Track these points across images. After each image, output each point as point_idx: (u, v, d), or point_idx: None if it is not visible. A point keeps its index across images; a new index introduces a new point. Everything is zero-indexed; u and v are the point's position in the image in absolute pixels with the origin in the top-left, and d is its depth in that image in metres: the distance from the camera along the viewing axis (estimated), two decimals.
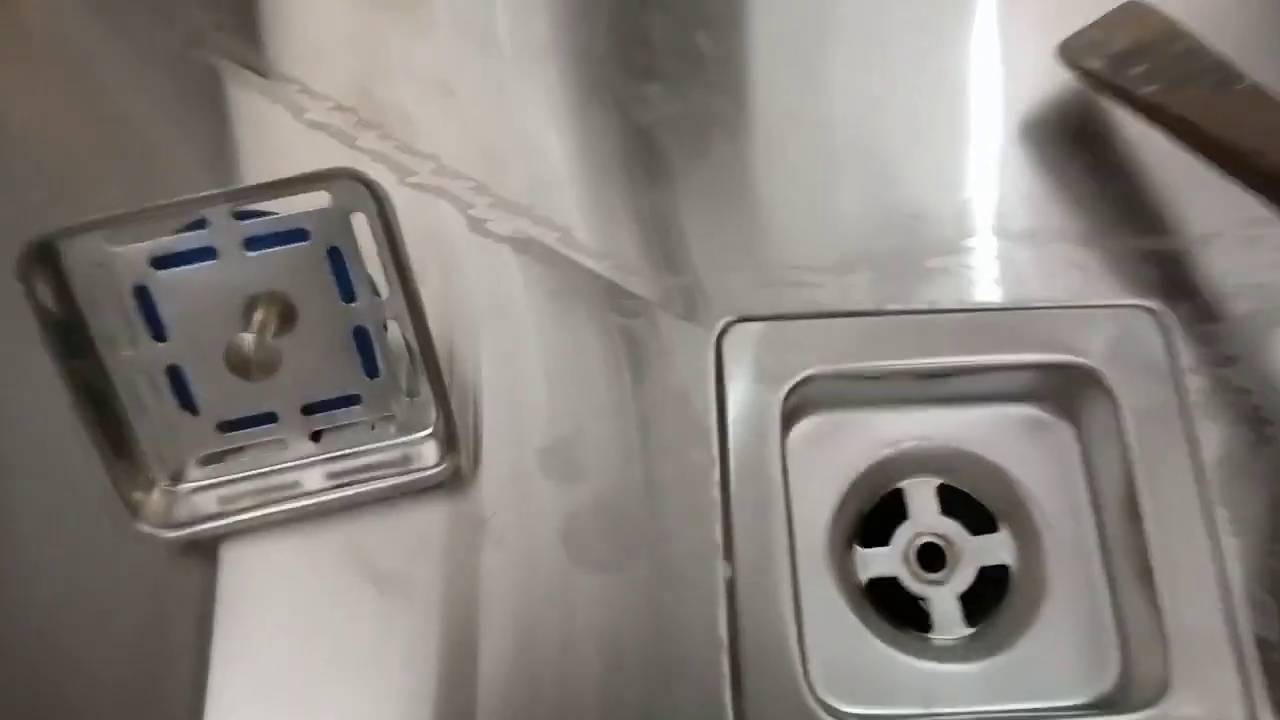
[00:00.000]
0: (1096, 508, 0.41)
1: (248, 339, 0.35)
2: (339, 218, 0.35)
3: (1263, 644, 0.36)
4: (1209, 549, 0.38)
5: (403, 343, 0.39)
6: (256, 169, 0.45)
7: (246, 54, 0.47)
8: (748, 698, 0.36)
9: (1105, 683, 0.39)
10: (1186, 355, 0.40)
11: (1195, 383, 0.39)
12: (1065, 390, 0.41)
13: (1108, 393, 0.40)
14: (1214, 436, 0.38)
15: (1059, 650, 0.39)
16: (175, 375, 0.38)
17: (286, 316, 0.38)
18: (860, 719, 0.38)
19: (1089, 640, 0.39)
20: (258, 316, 0.37)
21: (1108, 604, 0.40)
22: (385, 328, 0.38)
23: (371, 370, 0.39)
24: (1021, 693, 0.39)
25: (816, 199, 0.43)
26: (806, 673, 0.37)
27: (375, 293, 0.38)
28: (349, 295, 0.37)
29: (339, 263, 0.37)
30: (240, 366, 0.36)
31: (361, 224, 0.36)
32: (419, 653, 0.37)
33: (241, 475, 0.40)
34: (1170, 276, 0.41)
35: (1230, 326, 0.40)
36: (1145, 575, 0.38)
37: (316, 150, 0.45)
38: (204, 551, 0.39)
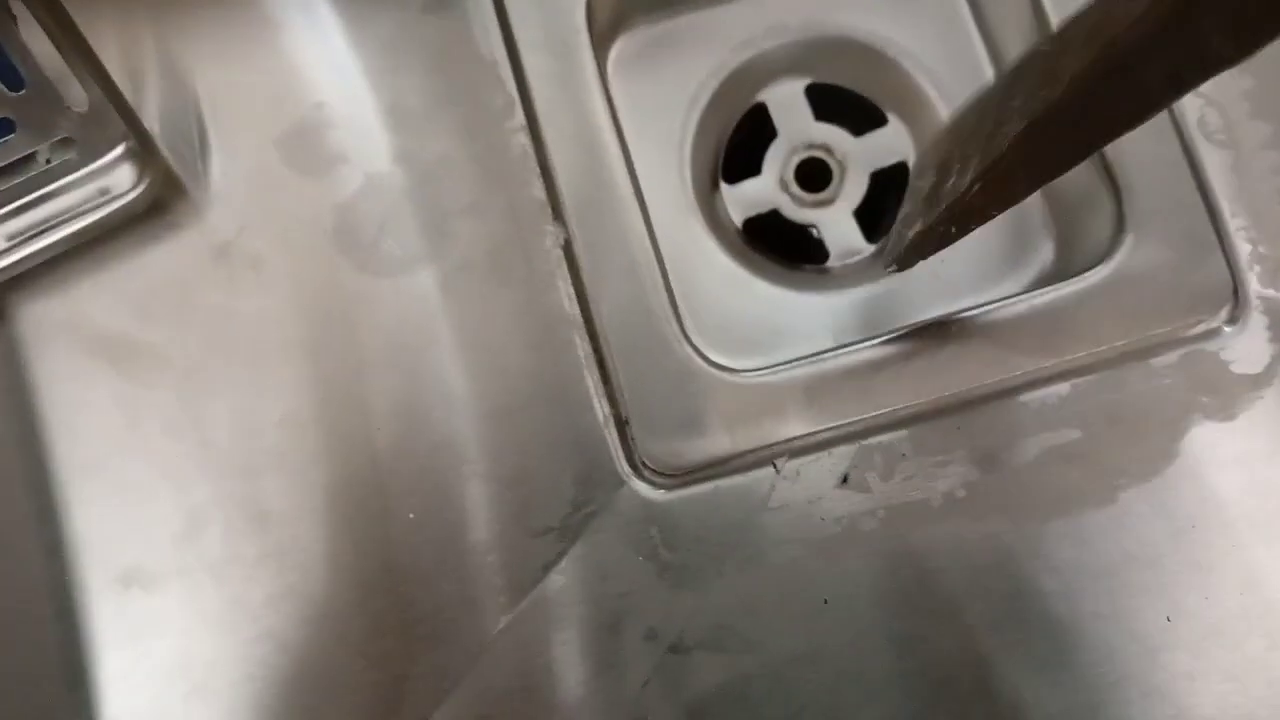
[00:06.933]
0: (1000, 64, 0.33)
1: None
2: None
3: (1216, 171, 0.29)
4: None
5: (47, 36, 0.28)
6: None
7: None
8: (620, 377, 0.28)
9: (1044, 257, 0.32)
10: None
11: None
12: None
13: None
14: None
15: (983, 238, 0.32)
16: None
17: None
18: (762, 371, 0.31)
19: (1016, 217, 0.32)
20: None
21: None
22: (13, 17, 0.27)
23: (12, 80, 0.28)
24: (949, 296, 0.32)
25: None
26: (684, 332, 0.29)
27: None
28: None
29: None
30: None
31: None
32: (187, 437, 0.28)
33: None
34: None
35: None
36: None
37: None
38: None
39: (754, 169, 0.35)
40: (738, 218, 0.34)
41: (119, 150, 0.29)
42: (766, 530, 0.27)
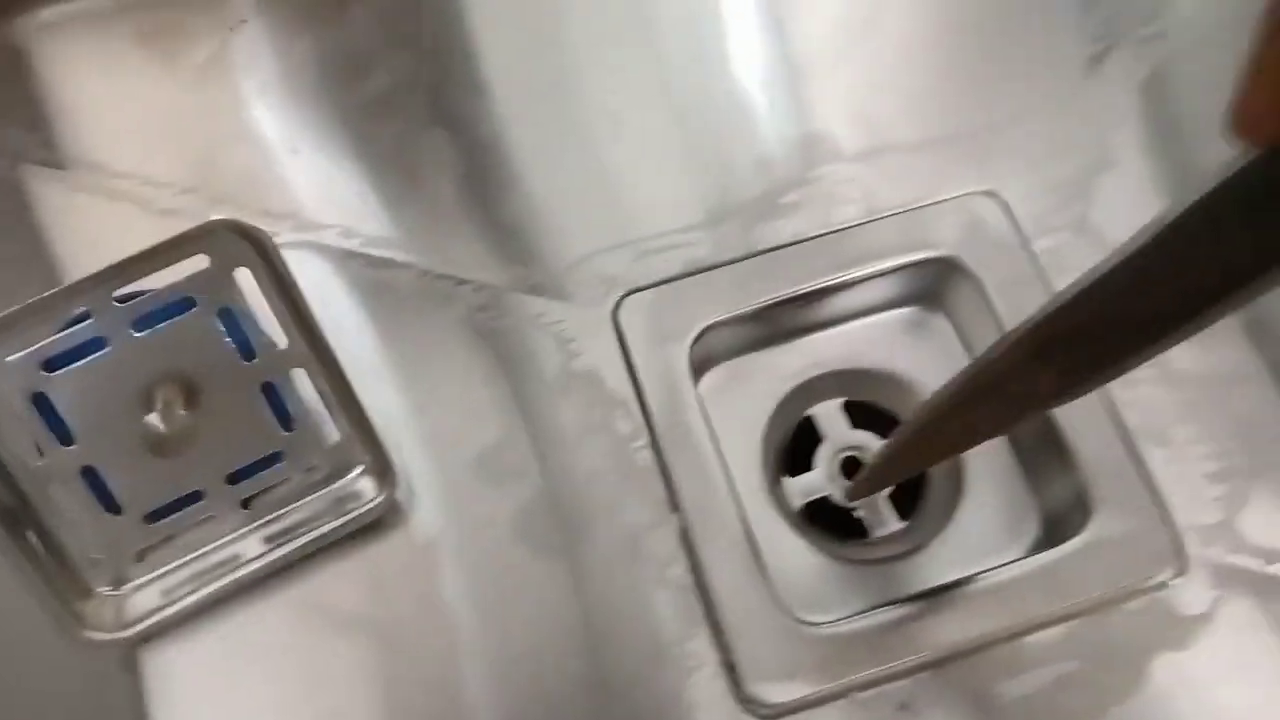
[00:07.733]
0: None
1: (158, 418, 0.35)
2: (223, 277, 0.36)
3: (1157, 463, 0.41)
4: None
5: (313, 388, 0.39)
6: None
7: (66, 160, 0.46)
8: (728, 629, 0.38)
9: (1031, 532, 0.42)
10: (1029, 224, 0.44)
11: (1044, 245, 0.43)
12: (933, 285, 0.45)
13: (970, 276, 0.43)
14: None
15: (986, 516, 0.43)
16: (91, 476, 0.37)
17: (190, 390, 0.38)
18: (836, 623, 0.40)
19: (1010, 501, 0.43)
20: (160, 396, 0.37)
21: (1017, 463, 0.43)
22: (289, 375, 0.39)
23: (287, 423, 0.39)
24: (966, 562, 0.42)
25: (665, 166, 0.45)
26: (775, 595, 0.39)
27: (275, 345, 0.38)
28: (249, 353, 0.37)
29: (232, 323, 0.37)
30: (158, 447, 0.36)
31: (247, 278, 0.36)
32: (406, 688, 0.37)
33: (180, 562, 0.39)
34: (997, 157, 0.45)
35: (1060, 188, 0.44)
36: (1046, 426, 0.41)
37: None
38: (157, 645, 0.38)
39: (808, 464, 0.45)
40: (798, 502, 0.45)
41: (359, 470, 0.40)
42: None
